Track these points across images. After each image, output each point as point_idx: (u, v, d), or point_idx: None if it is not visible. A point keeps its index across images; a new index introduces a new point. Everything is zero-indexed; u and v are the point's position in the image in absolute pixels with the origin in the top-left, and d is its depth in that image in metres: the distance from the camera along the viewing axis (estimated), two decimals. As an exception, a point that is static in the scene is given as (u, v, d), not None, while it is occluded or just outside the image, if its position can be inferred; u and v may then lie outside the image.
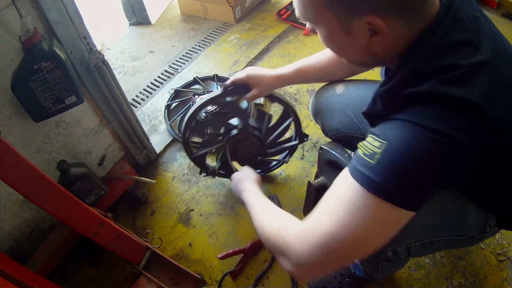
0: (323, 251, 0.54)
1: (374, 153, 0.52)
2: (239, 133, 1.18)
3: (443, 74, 0.50)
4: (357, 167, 0.53)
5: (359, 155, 0.55)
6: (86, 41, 1.03)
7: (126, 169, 1.33)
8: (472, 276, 1.15)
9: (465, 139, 0.49)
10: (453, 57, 0.51)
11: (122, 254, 1.06)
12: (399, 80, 0.55)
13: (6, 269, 0.84)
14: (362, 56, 0.62)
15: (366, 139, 0.56)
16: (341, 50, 0.64)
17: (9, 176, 0.76)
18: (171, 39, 2.36)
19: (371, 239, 0.54)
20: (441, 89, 0.50)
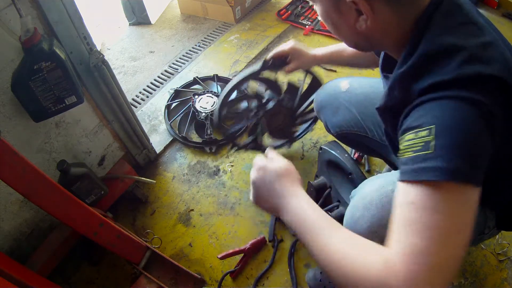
0: (436, 276, 0.44)
1: (427, 142, 0.47)
2: (275, 106, 1.21)
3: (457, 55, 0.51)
4: (419, 166, 0.47)
5: (410, 157, 0.50)
6: (86, 41, 1.03)
7: (126, 169, 1.33)
8: (472, 276, 1.15)
9: (498, 112, 0.49)
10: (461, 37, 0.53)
11: (122, 254, 1.06)
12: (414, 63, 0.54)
13: (6, 269, 0.84)
14: (354, 36, 0.63)
15: (405, 139, 0.51)
16: (336, 29, 0.66)
17: (9, 176, 0.76)
18: (171, 39, 2.36)
19: (466, 231, 0.47)
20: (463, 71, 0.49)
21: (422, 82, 0.52)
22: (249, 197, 0.71)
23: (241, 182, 1.47)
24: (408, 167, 0.49)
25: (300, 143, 1.58)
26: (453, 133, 0.47)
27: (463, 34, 0.53)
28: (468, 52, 0.51)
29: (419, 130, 0.49)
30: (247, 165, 1.53)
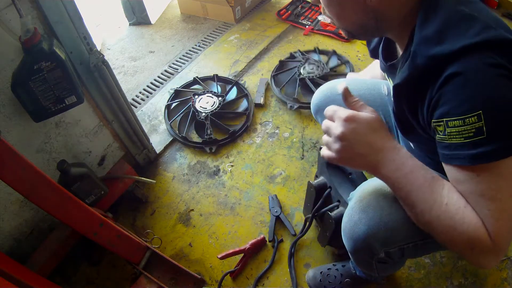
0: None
1: (478, 128, 0.50)
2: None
3: (476, 22, 0.53)
4: (477, 152, 0.51)
5: (462, 143, 0.52)
6: (86, 41, 1.03)
7: (126, 169, 1.33)
8: (472, 276, 1.15)
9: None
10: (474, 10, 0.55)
11: (122, 254, 1.06)
12: (438, 27, 0.55)
13: (6, 269, 0.84)
14: (362, 15, 0.62)
15: (449, 126, 0.53)
16: (343, 11, 0.64)
17: (9, 176, 0.76)
18: (171, 39, 2.36)
19: None
20: (488, 35, 0.51)
21: (447, 45, 0.53)
22: (326, 155, 0.62)
23: (241, 182, 1.47)
24: (463, 153, 0.52)
25: (300, 143, 1.59)
26: (500, 114, 0.50)
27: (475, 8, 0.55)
28: (484, 22, 0.53)
29: (466, 117, 0.50)
30: (247, 165, 1.53)
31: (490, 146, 0.50)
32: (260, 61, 2.06)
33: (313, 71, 1.80)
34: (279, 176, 1.47)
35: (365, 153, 0.58)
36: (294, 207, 1.36)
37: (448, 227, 0.55)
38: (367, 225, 0.70)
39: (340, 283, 1.09)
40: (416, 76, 0.57)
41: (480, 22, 0.53)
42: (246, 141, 1.62)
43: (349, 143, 0.58)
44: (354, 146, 0.58)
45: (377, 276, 1.02)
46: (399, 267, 1.02)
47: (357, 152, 0.59)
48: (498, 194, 0.52)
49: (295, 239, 1.22)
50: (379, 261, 0.77)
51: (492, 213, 0.52)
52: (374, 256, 0.74)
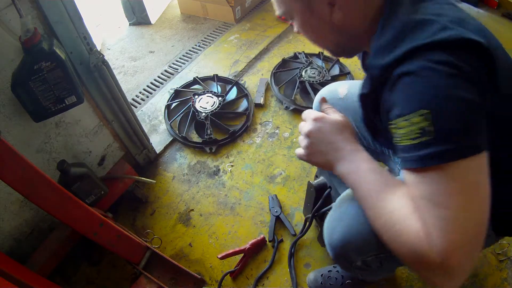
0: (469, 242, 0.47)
1: (423, 128, 0.47)
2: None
3: (432, 25, 0.51)
4: (424, 153, 0.48)
5: (410, 145, 0.50)
6: (86, 41, 1.03)
7: (126, 169, 1.33)
8: (472, 276, 1.15)
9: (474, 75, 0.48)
10: (433, 14, 0.53)
11: (122, 254, 1.06)
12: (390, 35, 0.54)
13: (6, 269, 0.84)
14: (335, 35, 0.63)
15: (399, 126, 0.51)
16: (316, 35, 0.66)
17: (9, 176, 0.76)
18: (171, 39, 2.36)
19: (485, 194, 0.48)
20: (438, 36, 0.49)
21: (398, 50, 0.52)
22: (297, 152, 0.68)
23: (241, 182, 1.47)
24: (412, 155, 0.49)
25: (300, 143, 1.59)
26: (446, 113, 0.47)
27: (436, 11, 0.54)
28: (441, 24, 0.51)
29: (411, 117, 0.48)
30: (247, 165, 1.53)
31: (438, 147, 0.47)
32: (260, 61, 2.06)
33: (314, 76, 1.79)
34: (279, 176, 1.47)
35: (325, 150, 0.62)
36: (294, 207, 1.36)
37: (391, 237, 0.51)
38: (342, 233, 0.70)
39: (342, 284, 1.09)
40: (374, 86, 0.57)
41: (436, 24, 0.51)
42: (246, 141, 1.62)
43: (313, 140, 0.63)
44: (317, 143, 0.63)
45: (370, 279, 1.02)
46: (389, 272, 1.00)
47: (319, 149, 0.63)
48: (447, 200, 0.46)
49: (295, 239, 1.22)
50: (358, 268, 0.75)
51: (439, 223, 0.46)
52: (352, 263, 0.74)
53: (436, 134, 0.47)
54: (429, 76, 0.48)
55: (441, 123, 0.47)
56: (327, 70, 1.84)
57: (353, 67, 1.88)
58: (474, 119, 0.48)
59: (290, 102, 1.72)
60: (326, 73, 1.81)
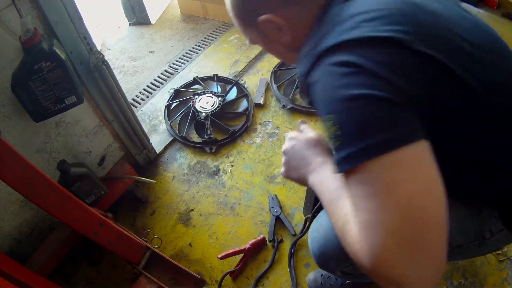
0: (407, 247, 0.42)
1: (334, 133, 0.47)
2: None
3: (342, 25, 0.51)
4: (340, 157, 0.47)
5: (333, 151, 0.50)
6: (86, 41, 1.03)
7: (126, 169, 1.33)
8: (472, 276, 1.15)
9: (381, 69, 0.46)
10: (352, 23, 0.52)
11: (122, 254, 1.06)
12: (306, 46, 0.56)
13: (6, 269, 0.84)
14: (293, 53, 0.64)
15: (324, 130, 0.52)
16: (278, 55, 0.71)
17: (9, 176, 0.76)
18: (171, 39, 2.36)
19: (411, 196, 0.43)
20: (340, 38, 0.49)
21: (310, 59, 0.53)
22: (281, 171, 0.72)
23: (241, 182, 1.47)
24: (334, 160, 0.49)
25: (300, 143, 1.59)
26: (345, 115, 0.46)
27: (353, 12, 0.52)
28: (349, 24, 0.50)
29: (325, 123, 0.48)
30: (247, 165, 1.53)
31: (346, 151, 0.45)
32: (260, 61, 2.06)
33: None
34: (279, 176, 1.47)
35: (298, 166, 0.66)
36: (294, 207, 1.36)
37: (342, 241, 0.50)
38: (319, 244, 0.72)
39: (341, 285, 1.09)
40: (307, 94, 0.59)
41: (345, 25, 0.50)
42: (246, 141, 1.62)
43: (288, 157, 0.69)
44: (292, 160, 0.68)
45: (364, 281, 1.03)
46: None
47: (293, 165, 0.68)
48: (364, 203, 0.44)
49: (295, 239, 1.22)
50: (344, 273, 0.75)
51: (363, 226, 0.44)
52: (334, 272, 0.74)
53: (343, 138, 0.46)
54: (327, 81, 0.48)
55: (344, 126, 0.46)
56: None
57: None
58: (380, 114, 0.45)
59: (288, 101, 1.72)
60: None
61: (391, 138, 0.44)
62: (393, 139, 0.44)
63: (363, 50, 0.47)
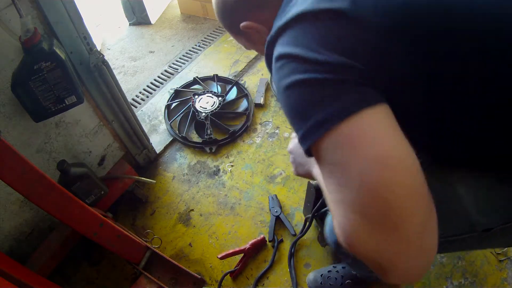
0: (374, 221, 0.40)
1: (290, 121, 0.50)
2: None
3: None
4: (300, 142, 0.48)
5: None
6: (86, 41, 1.03)
7: (126, 169, 1.33)
8: (472, 276, 1.15)
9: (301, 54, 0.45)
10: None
11: (122, 254, 1.06)
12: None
13: (6, 269, 0.84)
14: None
15: None
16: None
17: (9, 176, 0.76)
18: (171, 39, 2.36)
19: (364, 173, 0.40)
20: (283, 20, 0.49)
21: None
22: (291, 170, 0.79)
23: (241, 182, 1.47)
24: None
25: (300, 143, 1.59)
26: (288, 105, 0.47)
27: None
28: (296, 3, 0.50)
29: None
30: (247, 165, 1.53)
31: (298, 137, 0.47)
32: (260, 61, 2.06)
33: None
34: (279, 176, 1.47)
35: (303, 162, 0.73)
36: (294, 207, 1.36)
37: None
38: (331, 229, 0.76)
39: (341, 284, 1.09)
40: None
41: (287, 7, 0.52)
42: (246, 141, 1.62)
43: (294, 155, 0.76)
44: (297, 157, 0.75)
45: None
46: None
47: (299, 162, 0.74)
48: (325, 184, 0.45)
49: (295, 239, 1.22)
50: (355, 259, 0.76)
51: (332, 206, 0.44)
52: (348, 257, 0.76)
53: (292, 126, 0.48)
54: (274, 75, 0.50)
55: (289, 115, 0.48)
56: None
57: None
58: (311, 95, 0.44)
59: None
60: None
61: (331, 113, 0.42)
62: (333, 114, 0.42)
63: (299, 30, 0.47)
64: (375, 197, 0.39)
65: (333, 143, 0.42)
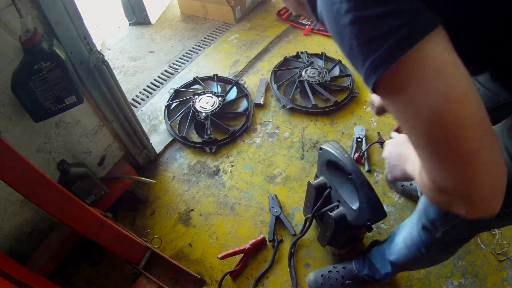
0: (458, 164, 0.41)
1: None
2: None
3: None
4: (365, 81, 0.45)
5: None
6: (86, 41, 1.03)
7: (126, 169, 1.33)
8: (472, 276, 1.15)
9: None
10: None
11: (122, 254, 1.06)
12: None
13: (6, 269, 0.84)
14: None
15: None
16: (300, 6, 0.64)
17: (9, 176, 0.76)
18: (171, 39, 2.36)
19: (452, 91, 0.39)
20: None
21: None
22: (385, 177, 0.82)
23: (241, 182, 1.47)
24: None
25: (300, 143, 1.59)
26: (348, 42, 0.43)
27: None
28: None
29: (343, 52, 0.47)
30: (247, 165, 1.53)
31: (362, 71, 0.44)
32: (260, 61, 2.06)
33: (313, 76, 1.80)
34: (279, 176, 1.47)
35: (397, 163, 0.72)
36: (294, 207, 1.36)
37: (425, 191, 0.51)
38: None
39: (342, 285, 1.09)
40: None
41: None
42: (246, 141, 1.62)
43: (388, 159, 0.76)
44: (391, 161, 0.75)
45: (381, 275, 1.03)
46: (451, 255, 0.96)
47: (394, 164, 0.74)
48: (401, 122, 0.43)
49: (295, 239, 1.22)
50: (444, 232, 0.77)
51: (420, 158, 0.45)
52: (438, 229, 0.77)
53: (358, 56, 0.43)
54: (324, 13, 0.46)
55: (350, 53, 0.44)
56: (327, 71, 1.84)
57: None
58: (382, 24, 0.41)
59: (288, 101, 1.72)
60: (326, 74, 1.81)
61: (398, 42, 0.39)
62: (400, 42, 0.39)
63: None
64: (443, 130, 0.40)
65: (400, 74, 0.41)
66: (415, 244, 0.84)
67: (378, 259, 1.04)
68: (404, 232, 0.89)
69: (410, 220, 0.87)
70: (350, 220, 0.97)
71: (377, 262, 1.04)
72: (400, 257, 0.92)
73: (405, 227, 0.90)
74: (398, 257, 0.93)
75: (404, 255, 0.90)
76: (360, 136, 1.56)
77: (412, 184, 1.32)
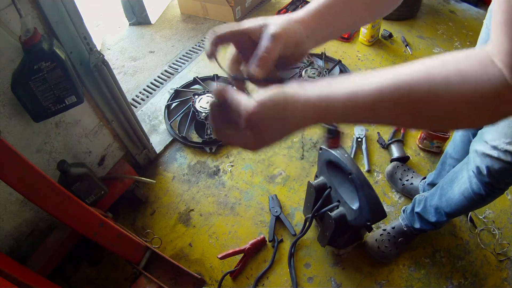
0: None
1: None
2: None
3: None
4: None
5: None
6: (86, 41, 1.03)
7: (126, 169, 1.33)
8: (472, 276, 1.15)
9: None
10: None
11: (122, 254, 1.06)
12: None
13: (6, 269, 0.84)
14: None
15: None
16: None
17: (9, 176, 0.76)
18: (171, 39, 2.36)
19: None
20: None
21: None
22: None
23: (241, 182, 1.47)
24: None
25: (300, 143, 1.59)
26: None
27: None
28: None
29: None
30: (247, 165, 1.53)
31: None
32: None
33: (313, 76, 1.80)
34: (279, 176, 1.47)
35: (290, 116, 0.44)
36: (294, 207, 1.36)
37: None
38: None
39: (395, 243, 1.16)
40: None
41: None
42: (246, 141, 1.62)
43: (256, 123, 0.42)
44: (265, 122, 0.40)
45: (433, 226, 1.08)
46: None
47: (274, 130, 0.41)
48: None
49: (295, 239, 1.22)
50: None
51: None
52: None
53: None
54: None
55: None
56: (327, 71, 1.84)
57: (354, 68, 1.88)
58: None
59: None
60: (326, 74, 1.81)
61: None
62: None
63: None
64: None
65: None
66: (476, 194, 0.87)
67: (432, 213, 1.06)
68: (460, 185, 0.92)
69: (466, 173, 0.89)
70: (350, 220, 0.97)
71: (430, 216, 1.06)
72: (459, 208, 0.96)
73: (459, 182, 0.92)
74: (457, 208, 0.97)
75: (463, 206, 0.94)
76: (360, 136, 1.56)
77: (413, 184, 1.32)
